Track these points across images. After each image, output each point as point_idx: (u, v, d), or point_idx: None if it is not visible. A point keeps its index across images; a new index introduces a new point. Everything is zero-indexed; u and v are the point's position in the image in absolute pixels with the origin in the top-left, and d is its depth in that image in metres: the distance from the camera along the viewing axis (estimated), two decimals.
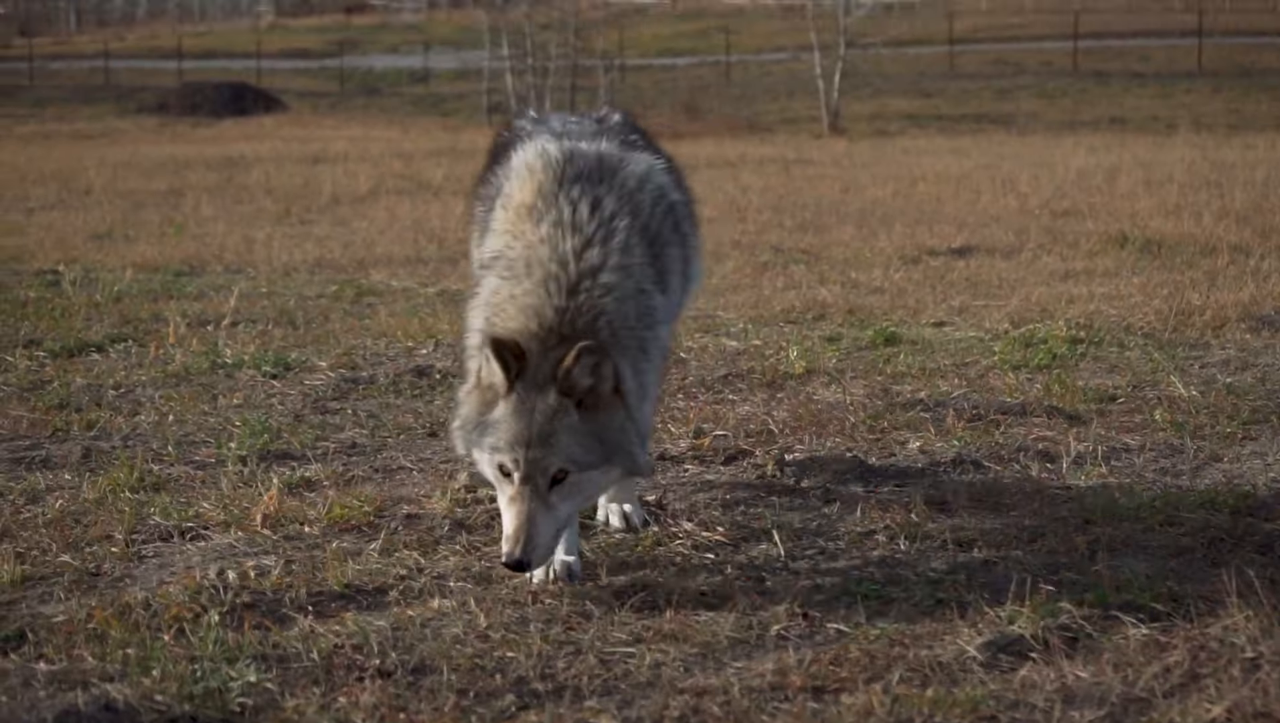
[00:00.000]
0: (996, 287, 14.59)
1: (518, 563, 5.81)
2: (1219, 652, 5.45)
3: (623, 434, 5.98)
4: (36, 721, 4.68)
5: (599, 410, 5.91)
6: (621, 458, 5.99)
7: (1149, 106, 58.11)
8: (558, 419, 5.84)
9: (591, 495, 6.19)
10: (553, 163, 6.41)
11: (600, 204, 6.28)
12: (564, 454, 5.84)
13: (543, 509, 5.83)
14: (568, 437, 5.85)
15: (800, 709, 5.06)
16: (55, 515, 7.11)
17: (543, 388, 5.86)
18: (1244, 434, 8.54)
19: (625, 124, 7.25)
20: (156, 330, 11.99)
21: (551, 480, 5.85)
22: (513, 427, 5.86)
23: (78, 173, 30.74)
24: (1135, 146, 37.69)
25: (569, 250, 6.12)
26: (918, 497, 7.38)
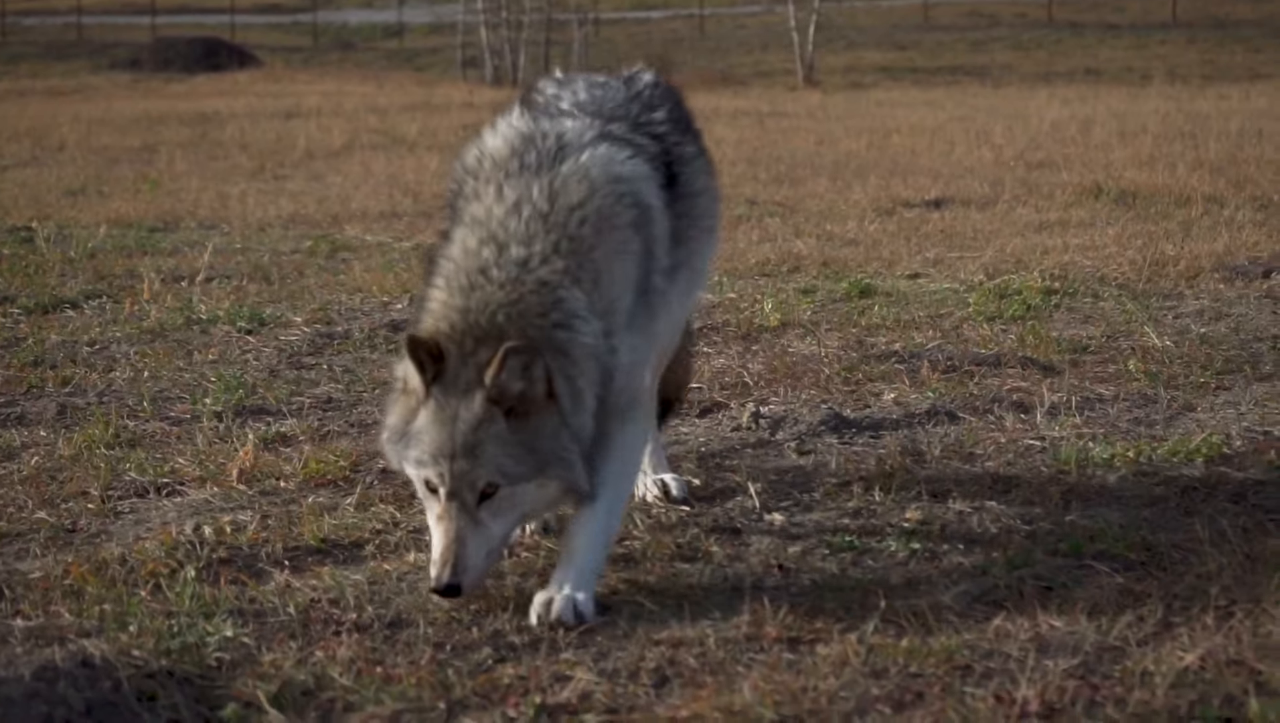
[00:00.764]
0: (971, 238, 14.59)
1: (447, 588, 5.28)
2: (1192, 600, 5.46)
3: (556, 442, 5.41)
4: (14, 677, 4.67)
5: (530, 417, 5.36)
6: (558, 469, 5.41)
7: (1123, 58, 58.13)
8: (483, 428, 5.31)
9: (528, 513, 5.56)
10: (498, 155, 5.82)
11: (520, 201, 5.65)
12: (492, 466, 5.31)
13: (472, 527, 5.32)
14: (495, 447, 5.32)
15: (776, 660, 5.07)
16: (31, 472, 7.10)
17: (466, 394, 5.33)
18: (1217, 384, 8.57)
19: (652, 91, 6.41)
20: (131, 286, 11.96)
21: (480, 495, 5.33)
22: (435, 437, 5.35)
23: (51, 129, 30.62)
24: (1110, 98, 37.69)
25: (470, 246, 5.58)
26: (893, 448, 7.39)
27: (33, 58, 67.04)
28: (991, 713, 4.62)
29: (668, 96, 6.45)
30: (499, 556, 5.58)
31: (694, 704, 4.70)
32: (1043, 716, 4.62)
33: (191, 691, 4.83)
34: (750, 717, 4.61)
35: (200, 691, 4.84)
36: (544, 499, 5.52)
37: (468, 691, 4.84)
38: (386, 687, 4.85)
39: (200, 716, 4.70)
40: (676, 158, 6.16)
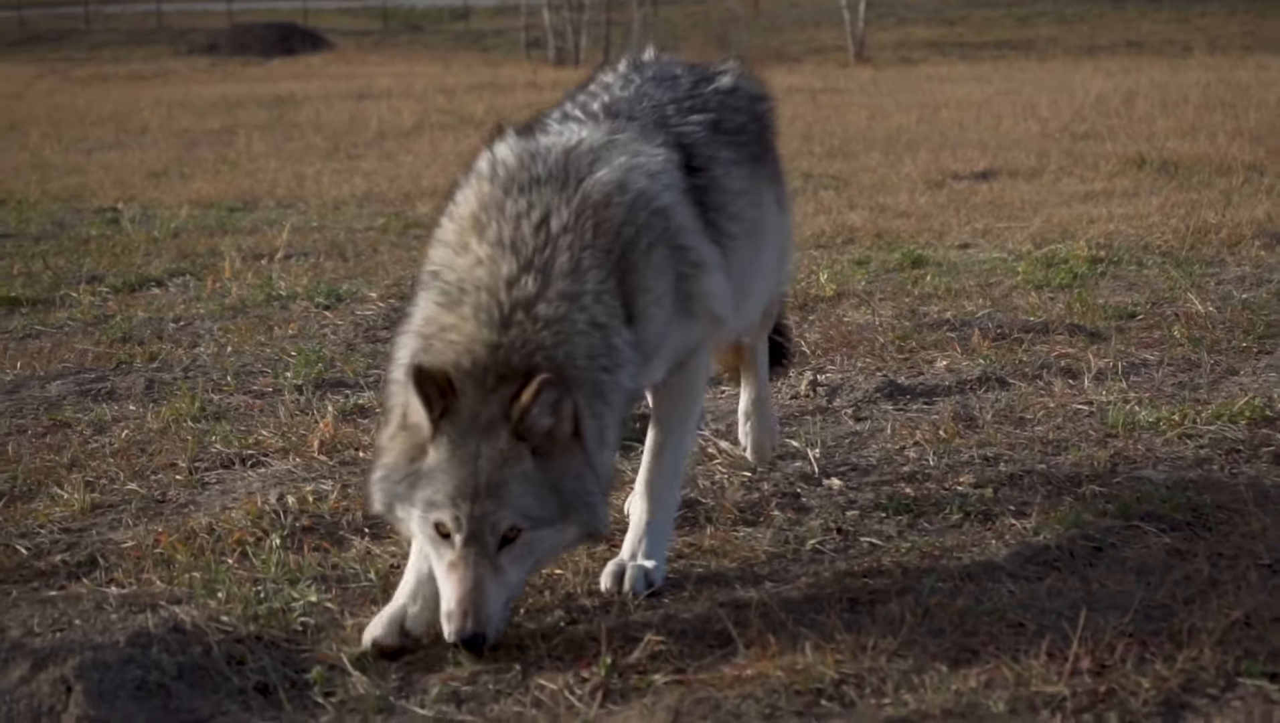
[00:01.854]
0: (1019, 209, 14.54)
1: (471, 638, 4.70)
2: (1237, 559, 5.46)
3: (580, 484, 4.87)
4: (110, 642, 4.71)
5: (555, 457, 4.81)
6: (580, 513, 4.87)
7: (1165, 30, 57.76)
8: (509, 467, 4.73)
9: (541, 561, 5.02)
10: (503, 165, 5.22)
11: (548, 220, 5.04)
12: (516, 508, 4.74)
13: (491, 574, 4.73)
14: (520, 487, 4.75)
15: (836, 621, 5.07)
16: (122, 445, 7.15)
17: (488, 431, 4.74)
18: (1259, 348, 8.53)
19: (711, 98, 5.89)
20: (213, 265, 12.02)
21: (501, 540, 4.76)
22: (454, 476, 4.74)
23: (134, 113, 30.75)
24: (1151, 70, 37.47)
25: (502, 276, 4.93)
26: (946, 414, 7.39)
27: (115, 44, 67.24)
28: (1044, 670, 4.62)
29: (728, 105, 5.91)
30: (510, 606, 4.93)
31: (758, 664, 4.71)
32: (1094, 672, 4.62)
33: (278, 654, 4.86)
34: (812, 676, 4.62)
35: (286, 654, 4.88)
36: (560, 545, 4.99)
37: (542, 652, 4.86)
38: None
39: (287, 678, 4.73)
40: (705, 156, 5.59)
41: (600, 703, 4.53)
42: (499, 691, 4.65)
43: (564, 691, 4.61)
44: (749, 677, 4.66)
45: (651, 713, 4.42)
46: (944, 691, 4.52)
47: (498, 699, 4.60)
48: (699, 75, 5.99)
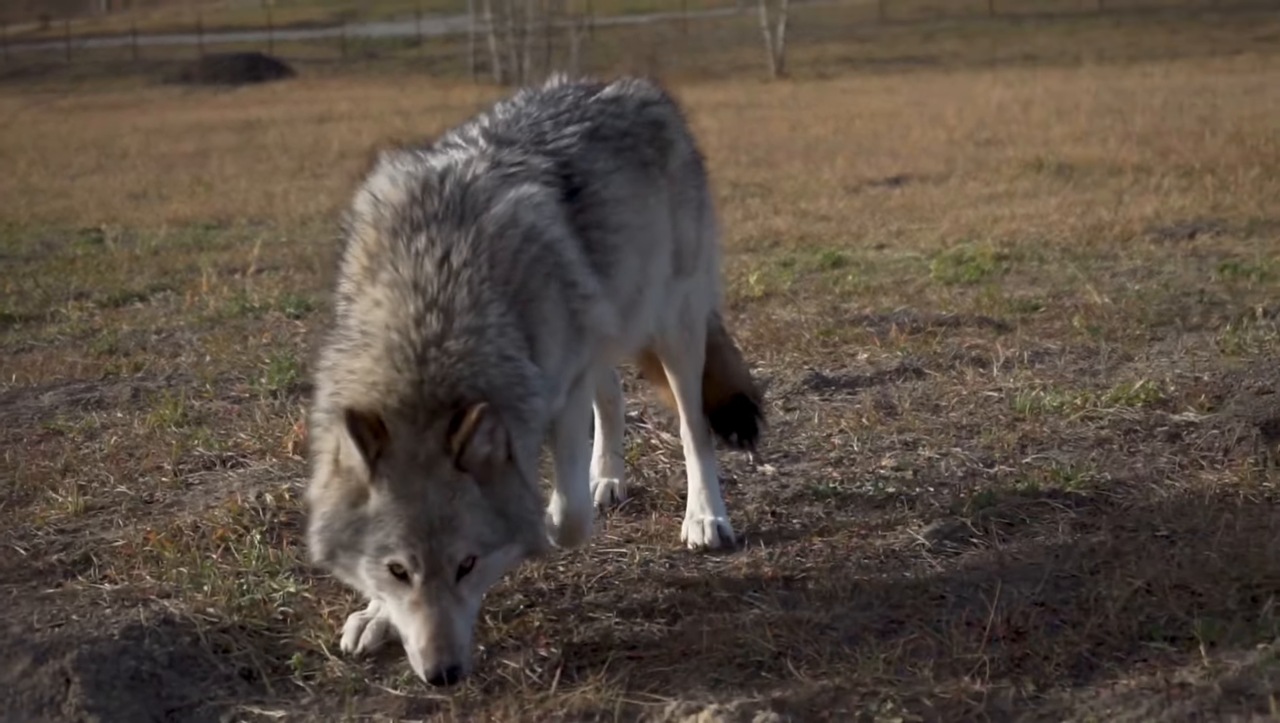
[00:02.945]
0: (929, 211, 14.59)
1: (451, 672, 4.33)
2: (1138, 531, 5.48)
3: (522, 505, 4.55)
4: (105, 635, 4.68)
5: (495, 482, 4.47)
6: (525, 532, 4.56)
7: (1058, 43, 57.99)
8: (458, 499, 4.39)
9: (490, 584, 4.73)
10: (389, 205, 4.81)
11: (449, 256, 4.65)
12: (472, 537, 4.41)
13: (456, 605, 4.40)
14: (472, 517, 4.42)
15: (773, 597, 5.08)
16: (111, 450, 7.10)
17: (430, 467, 4.38)
18: (1152, 336, 8.57)
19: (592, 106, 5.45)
20: (191, 280, 11.96)
21: (460, 570, 4.42)
22: (405, 516, 4.37)
23: (114, 140, 30.59)
24: (1046, 80, 37.65)
25: (410, 315, 4.55)
26: (868, 403, 7.40)
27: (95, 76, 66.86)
28: (965, 638, 4.63)
29: (608, 113, 5.43)
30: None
31: (703, 640, 4.71)
32: (1009, 639, 4.63)
33: (261, 642, 4.84)
34: (752, 649, 4.62)
35: (268, 642, 4.85)
36: (506, 565, 4.69)
37: (503, 634, 4.86)
38: None
39: (269, 664, 4.70)
40: (580, 170, 5.11)
41: (559, 680, 4.52)
42: None
43: (525, 669, 4.60)
44: (695, 652, 4.65)
45: (606, 687, 4.40)
46: (874, 660, 4.52)
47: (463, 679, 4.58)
48: (585, 91, 5.54)
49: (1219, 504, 5.70)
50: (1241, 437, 6.30)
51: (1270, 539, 5.21)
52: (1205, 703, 4.08)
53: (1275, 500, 5.73)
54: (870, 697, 4.30)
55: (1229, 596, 4.82)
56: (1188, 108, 24.18)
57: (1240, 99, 25.92)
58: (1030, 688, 4.33)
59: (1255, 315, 8.82)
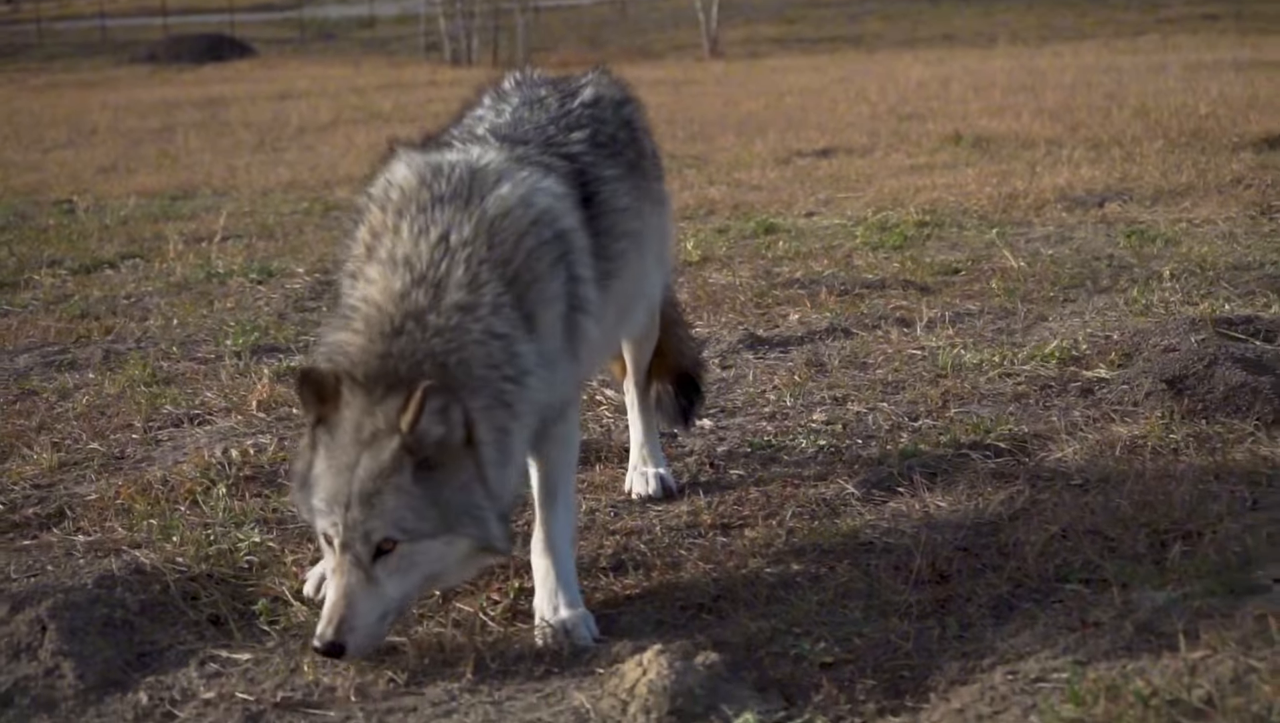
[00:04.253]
0: (855, 181, 14.57)
1: (328, 648, 4.13)
2: (1053, 481, 5.49)
3: (467, 496, 4.18)
4: (79, 585, 4.63)
5: (444, 467, 4.15)
6: (468, 527, 4.19)
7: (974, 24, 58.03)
8: (384, 477, 4.10)
9: (435, 574, 4.28)
10: (399, 188, 4.57)
11: (447, 236, 4.40)
12: (390, 519, 4.12)
13: (364, 585, 4.14)
14: (395, 498, 4.12)
15: (712, 543, 5.08)
16: (83, 409, 7.03)
17: (372, 442, 4.13)
18: (1065, 297, 8.58)
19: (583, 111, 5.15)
20: (159, 247, 11.86)
21: (376, 550, 4.14)
22: (330, 484, 4.17)
23: (84, 116, 30.29)
24: (964, 59, 37.69)
25: (396, 289, 4.32)
26: (799, 361, 7.39)
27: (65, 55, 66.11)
28: (892, 581, 4.64)
29: (598, 118, 5.16)
30: (397, 617, 4.31)
31: (646, 584, 4.70)
32: (934, 582, 4.64)
33: (228, 589, 4.81)
34: (694, 593, 4.62)
35: (235, 589, 4.82)
36: (453, 559, 4.26)
37: None
38: None
39: (236, 610, 4.68)
40: (592, 177, 4.88)
41: (510, 623, 4.50)
42: (421, 613, 4.61)
43: (478, 612, 4.59)
44: (639, 595, 4.65)
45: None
46: (807, 602, 4.53)
47: (420, 622, 4.56)
48: (563, 92, 5.24)
49: (1129, 455, 5.72)
50: (1149, 391, 6.32)
51: (1177, 488, 5.23)
52: (1118, 641, 4.09)
53: (1181, 451, 5.74)
54: (804, 636, 4.30)
55: (1139, 540, 4.84)
56: (1095, 85, 24.21)
57: (1144, 77, 25.97)
58: (954, 628, 4.34)
59: (1161, 278, 8.83)
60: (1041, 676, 3.94)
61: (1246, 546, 4.71)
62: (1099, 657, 3.99)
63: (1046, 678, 3.92)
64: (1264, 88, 21.46)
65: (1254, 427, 5.94)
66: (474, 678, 4.17)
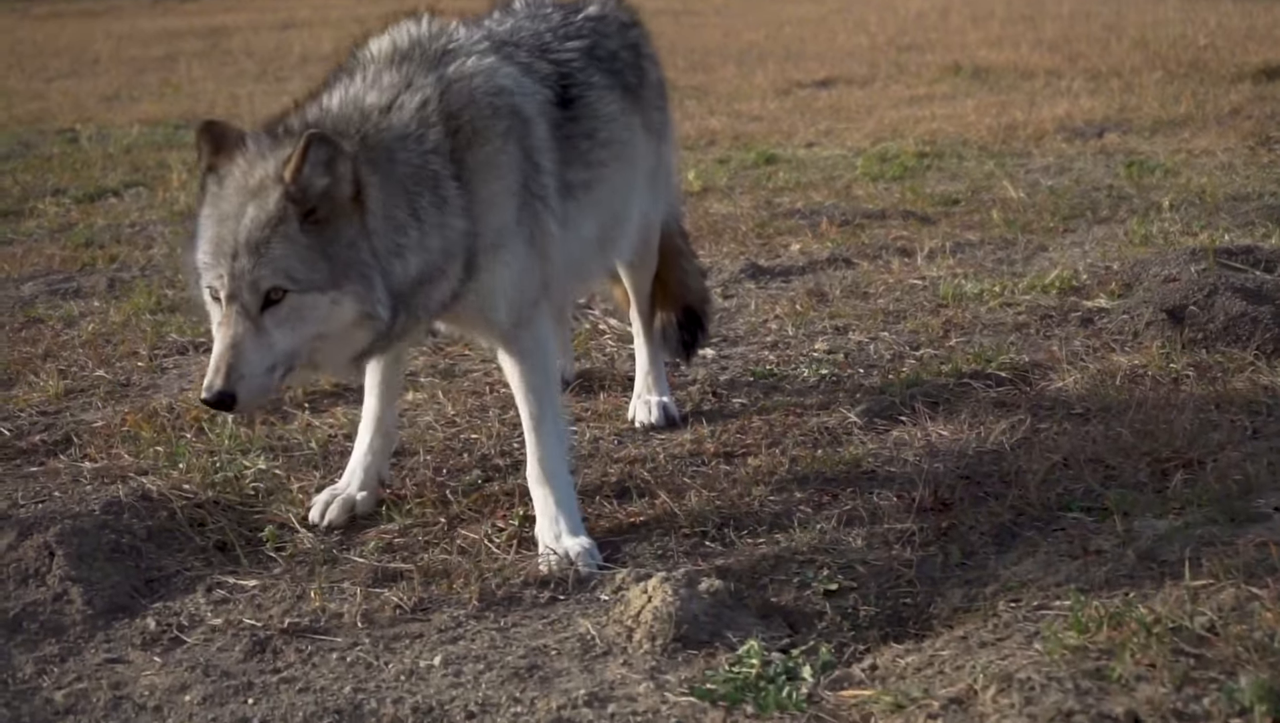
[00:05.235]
0: (855, 112, 14.49)
1: (218, 397, 4.01)
2: (1054, 409, 5.47)
3: (354, 253, 4.11)
4: (86, 511, 4.62)
5: (331, 222, 4.08)
6: (354, 284, 4.10)
7: None
8: (272, 225, 4.03)
9: (321, 334, 4.14)
10: (383, 48, 4.57)
11: (410, 81, 4.42)
12: (278, 267, 4.04)
13: (252, 334, 4.05)
14: (283, 247, 4.04)
15: (715, 471, 5.06)
16: (89, 337, 7.01)
17: (259, 192, 4.08)
18: (1064, 228, 8.54)
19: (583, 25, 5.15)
20: (162, 176, 11.80)
21: (265, 300, 4.05)
22: (216, 234, 4.10)
23: (86, 45, 30.11)
24: None
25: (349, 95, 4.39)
26: (801, 291, 7.36)
27: None
28: (895, 510, 4.62)
29: (599, 31, 5.16)
30: (282, 375, 4.15)
31: (650, 512, 4.68)
32: (937, 510, 4.62)
33: (234, 516, 4.79)
34: (697, 520, 4.60)
35: (241, 516, 4.81)
36: (337, 321, 4.12)
37: (463, 507, 4.82)
38: (396, 506, 4.83)
39: (243, 537, 4.66)
40: (578, 82, 4.85)
41: (515, 550, 4.49)
42: (427, 541, 4.60)
43: (484, 540, 4.57)
44: (643, 523, 4.64)
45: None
46: (810, 529, 4.51)
47: (426, 549, 4.55)
48: (568, 9, 5.22)
49: (1129, 384, 5.70)
50: (1150, 321, 6.29)
51: (1177, 417, 5.21)
52: (1120, 569, 4.07)
53: (1181, 380, 5.72)
54: (807, 564, 4.29)
55: (1140, 469, 4.83)
56: (1094, 15, 24.06)
57: (1143, 6, 25.81)
58: (956, 555, 4.32)
59: (1161, 209, 8.80)
60: (1044, 603, 3.92)
61: (1247, 474, 4.70)
62: (1101, 585, 3.97)
63: (1049, 606, 3.90)
64: (1262, 18, 21.33)
65: (1254, 356, 5.91)
66: (479, 605, 4.16)
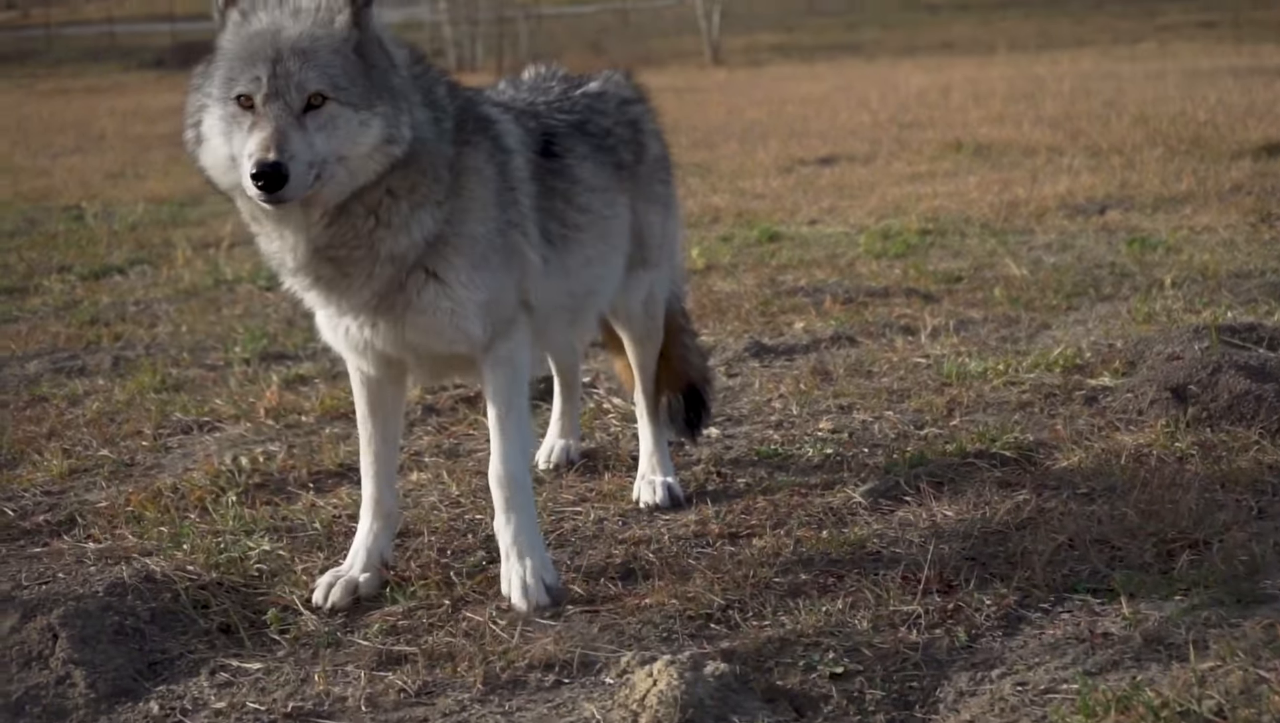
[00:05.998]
0: (857, 189, 14.54)
1: (273, 167, 3.97)
2: (1059, 489, 5.45)
3: (387, 79, 4.23)
4: (90, 592, 4.60)
5: (369, 47, 4.23)
6: (385, 105, 4.19)
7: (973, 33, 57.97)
8: (320, 37, 4.13)
9: (342, 152, 4.15)
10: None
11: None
12: (325, 72, 4.09)
13: (296, 127, 4.04)
14: (330, 56, 4.11)
15: (720, 552, 5.04)
16: (93, 416, 7.01)
17: (300, 9, 4.20)
18: (1068, 305, 8.55)
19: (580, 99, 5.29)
20: (167, 254, 11.85)
21: (306, 104, 4.07)
22: (249, 47, 4.13)
23: (92, 121, 30.28)
24: (963, 67, 37.62)
25: None
26: (805, 369, 7.35)
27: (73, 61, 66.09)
28: (900, 592, 4.60)
29: (594, 108, 5.27)
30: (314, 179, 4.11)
31: (655, 594, 4.66)
32: (942, 592, 4.60)
33: (238, 598, 4.77)
34: (702, 602, 4.58)
35: (245, 597, 4.79)
36: (364, 141, 4.17)
37: (467, 588, 4.80)
38: (400, 588, 4.81)
39: (246, 619, 4.64)
40: (561, 146, 4.95)
41: (520, 633, 4.46)
42: (431, 623, 4.57)
43: (488, 622, 4.55)
44: (647, 605, 4.61)
45: (565, 640, 4.36)
46: (815, 612, 4.49)
47: (431, 631, 4.52)
48: (571, 83, 5.38)
49: (1134, 463, 5.68)
50: (1154, 400, 6.28)
51: (1183, 496, 5.20)
52: (1127, 652, 4.06)
53: (1186, 460, 5.71)
54: (813, 647, 4.26)
55: (1146, 550, 4.81)
56: (1095, 92, 24.18)
57: (1143, 84, 25.95)
58: (962, 638, 4.30)
59: (1163, 286, 8.81)
60: (1051, 687, 3.91)
61: (1253, 554, 4.69)
62: (1108, 668, 3.96)
63: (1056, 689, 3.88)
64: (1262, 95, 21.43)
65: (1259, 435, 5.90)
66: (484, 688, 4.14)
